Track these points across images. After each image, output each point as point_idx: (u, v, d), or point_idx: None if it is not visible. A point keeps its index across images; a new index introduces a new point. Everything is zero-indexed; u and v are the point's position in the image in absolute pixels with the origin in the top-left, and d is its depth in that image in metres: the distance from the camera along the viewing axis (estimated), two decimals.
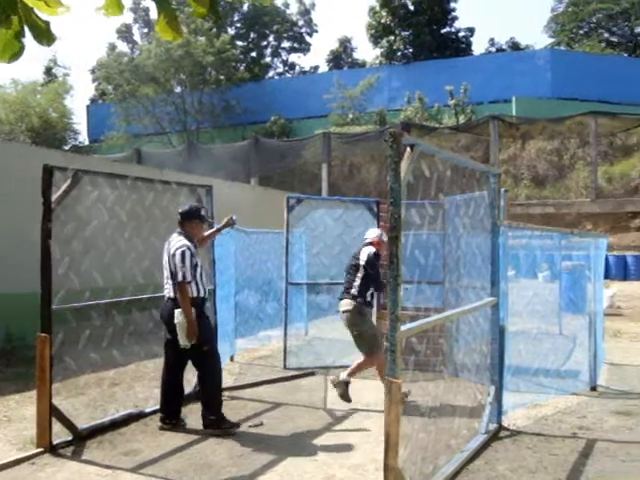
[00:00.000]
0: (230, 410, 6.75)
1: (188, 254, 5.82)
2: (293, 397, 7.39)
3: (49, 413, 5.36)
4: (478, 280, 6.96)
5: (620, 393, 7.63)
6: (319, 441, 5.79)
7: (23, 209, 9.10)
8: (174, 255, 5.83)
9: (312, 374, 8.54)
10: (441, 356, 8.50)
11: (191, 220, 6.14)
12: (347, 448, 5.58)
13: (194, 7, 2.96)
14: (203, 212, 6.36)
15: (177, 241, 5.95)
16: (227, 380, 8.14)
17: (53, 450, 5.36)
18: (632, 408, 6.84)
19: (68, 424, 5.62)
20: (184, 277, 5.76)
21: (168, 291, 5.97)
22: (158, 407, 6.34)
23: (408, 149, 4.01)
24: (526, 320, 10.71)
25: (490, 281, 6.02)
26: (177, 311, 5.77)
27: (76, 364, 6.81)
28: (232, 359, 9.38)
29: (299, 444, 5.70)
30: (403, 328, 3.84)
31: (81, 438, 5.66)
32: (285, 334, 9.02)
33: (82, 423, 5.86)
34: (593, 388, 7.72)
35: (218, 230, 6.84)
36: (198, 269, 5.96)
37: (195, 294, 5.92)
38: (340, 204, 9.93)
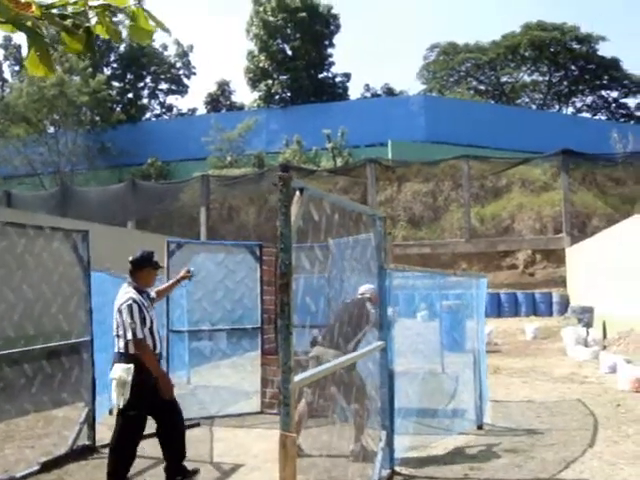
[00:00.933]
0: None
1: (136, 308, 5.39)
2: None
3: None
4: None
5: (506, 430, 7.74)
6: None
7: None
8: (120, 311, 5.43)
9: (197, 425, 8.17)
10: (331, 402, 8.36)
11: (142, 268, 5.72)
12: None
13: (68, 43, 2.76)
14: (156, 258, 5.90)
15: (124, 294, 5.54)
16: (106, 435, 7.69)
17: None
18: (519, 445, 6.92)
19: None
20: (134, 334, 5.31)
21: (118, 346, 5.49)
22: (30, 471, 5.86)
23: (297, 193, 3.88)
24: (410, 360, 10.80)
25: (378, 325, 5.96)
26: (117, 366, 5.33)
27: None
28: (111, 413, 8.86)
29: None
30: (296, 378, 3.68)
31: None
32: None
33: None
34: (480, 426, 7.79)
35: (177, 281, 6.36)
36: (147, 323, 5.47)
37: None
38: (222, 248, 9.72)
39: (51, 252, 5.83)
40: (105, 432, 7.81)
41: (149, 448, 7.05)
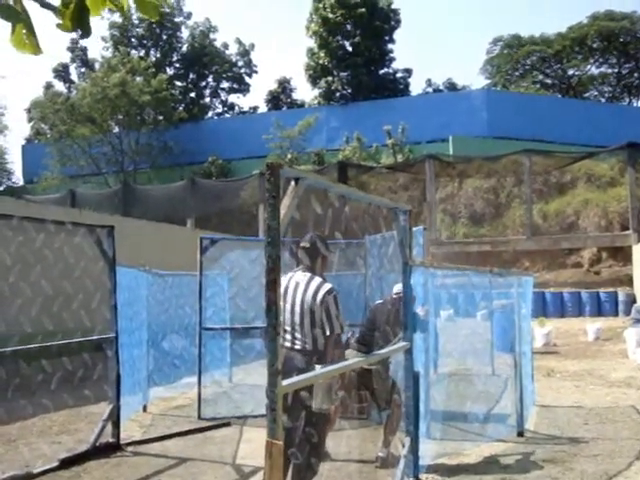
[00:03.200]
0: (130, 468, 6.23)
1: (338, 299, 4.76)
2: (201, 451, 6.84)
3: None
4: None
5: (548, 438, 7.31)
6: None
7: None
8: (324, 302, 4.66)
9: (228, 424, 7.98)
10: (366, 402, 8.06)
11: (327, 254, 5.02)
12: None
13: (60, 21, 2.61)
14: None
15: (320, 282, 4.77)
16: (135, 433, 7.61)
17: None
18: (559, 455, 6.49)
19: None
20: (342, 328, 4.73)
21: (303, 342, 4.71)
22: (49, 467, 5.79)
23: (292, 183, 3.60)
24: (459, 361, 10.42)
25: (403, 325, 5.62)
26: (318, 367, 4.50)
27: None
28: (145, 409, 8.81)
29: None
30: (284, 383, 3.42)
31: None
32: (199, 382, 8.46)
33: None
34: (520, 433, 7.36)
35: None
36: None
37: None
38: (257, 245, 9.52)
39: (72, 247, 5.64)
40: (135, 430, 7.77)
41: (173, 447, 6.95)
